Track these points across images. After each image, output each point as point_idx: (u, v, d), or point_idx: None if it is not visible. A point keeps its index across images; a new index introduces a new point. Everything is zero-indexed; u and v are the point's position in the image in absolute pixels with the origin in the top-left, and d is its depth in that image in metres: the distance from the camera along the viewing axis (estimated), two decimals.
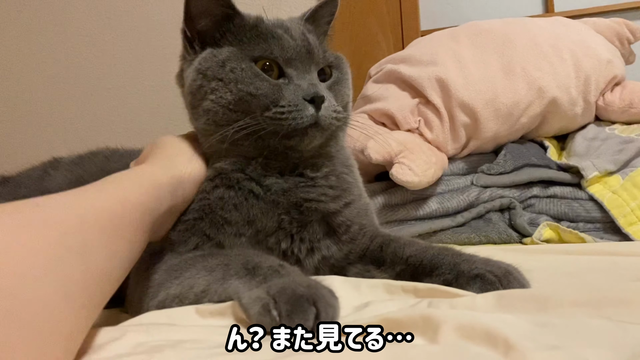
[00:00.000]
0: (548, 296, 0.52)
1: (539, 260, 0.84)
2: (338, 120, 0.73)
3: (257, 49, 0.72)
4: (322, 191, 0.76)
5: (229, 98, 0.70)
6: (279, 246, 0.74)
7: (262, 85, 0.70)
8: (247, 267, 0.60)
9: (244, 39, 0.74)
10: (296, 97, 0.69)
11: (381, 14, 1.74)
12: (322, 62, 0.77)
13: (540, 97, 1.22)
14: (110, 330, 0.53)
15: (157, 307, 0.63)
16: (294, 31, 0.75)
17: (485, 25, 1.34)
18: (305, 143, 0.72)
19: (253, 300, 0.52)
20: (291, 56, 0.73)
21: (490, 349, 0.41)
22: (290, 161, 0.76)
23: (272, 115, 0.69)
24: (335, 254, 0.77)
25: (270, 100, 0.70)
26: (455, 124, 1.22)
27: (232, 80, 0.70)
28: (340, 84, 0.79)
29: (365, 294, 0.65)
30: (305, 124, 0.69)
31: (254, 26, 0.75)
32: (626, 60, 1.40)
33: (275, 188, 0.74)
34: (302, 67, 0.73)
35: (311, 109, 0.69)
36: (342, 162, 0.82)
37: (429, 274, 0.69)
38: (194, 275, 0.64)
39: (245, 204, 0.73)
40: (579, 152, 1.22)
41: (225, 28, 0.75)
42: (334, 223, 0.76)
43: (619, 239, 1.04)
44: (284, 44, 0.72)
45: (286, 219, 0.74)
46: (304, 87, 0.71)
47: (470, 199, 1.16)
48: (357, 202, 0.80)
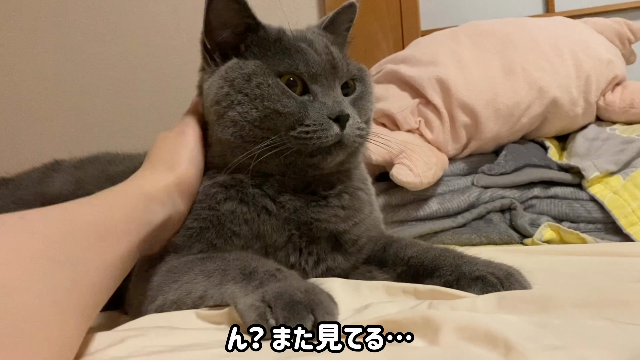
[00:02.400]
0: (549, 297, 0.52)
1: (539, 261, 0.84)
2: (361, 137, 0.72)
3: (282, 64, 0.71)
4: (334, 212, 0.75)
5: (254, 115, 0.69)
6: (288, 259, 0.73)
7: (289, 103, 0.69)
8: (245, 272, 0.60)
9: (268, 52, 0.72)
10: (321, 116, 0.68)
11: (381, 14, 1.74)
12: (346, 76, 0.75)
13: (541, 97, 1.22)
14: (109, 334, 0.53)
15: (155, 312, 0.63)
16: (318, 44, 0.73)
17: (486, 25, 1.34)
18: (328, 161, 0.71)
19: (248, 307, 0.52)
20: (316, 72, 0.71)
21: (491, 350, 0.41)
22: (306, 179, 0.74)
23: (297, 135, 0.68)
24: (341, 264, 0.77)
25: (296, 119, 0.68)
26: (455, 124, 1.22)
27: (258, 97, 0.69)
28: (364, 98, 0.77)
29: (365, 296, 0.65)
30: (329, 143, 0.68)
31: (278, 39, 0.73)
32: (627, 60, 1.39)
33: (289, 206, 0.73)
34: (326, 83, 0.72)
35: (336, 127, 0.68)
36: (358, 177, 0.81)
37: (430, 275, 0.69)
38: (192, 280, 0.64)
39: (257, 219, 0.72)
40: (580, 152, 1.22)
41: (249, 40, 0.74)
42: (342, 239, 0.76)
43: (620, 239, 1.03)
44: (309, 59, 0.71)
45: (296, 234, 0.73)
46: (329, 105, 0.69)
47: (471, 199, 1.16)
48: (367, 219, 0.79)
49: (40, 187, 0.98)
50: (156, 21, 1.85)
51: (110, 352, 0.48)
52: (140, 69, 1.85)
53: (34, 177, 1.04)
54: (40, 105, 1.89)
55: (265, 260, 0.66)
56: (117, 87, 1.86)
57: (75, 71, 1.87)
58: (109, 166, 0.99)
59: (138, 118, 1.84)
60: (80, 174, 0.99)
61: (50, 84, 1.88)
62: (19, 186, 1.03)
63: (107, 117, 1.86)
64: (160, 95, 1.82)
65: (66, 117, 1.87)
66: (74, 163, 1.06)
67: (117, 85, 1.86)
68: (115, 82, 1.86)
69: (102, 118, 1.86)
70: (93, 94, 1.87)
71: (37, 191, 0.96)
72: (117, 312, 0.78)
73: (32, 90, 1.88)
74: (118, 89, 1.86)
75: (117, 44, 1.86)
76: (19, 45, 1.88)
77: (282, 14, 1.65)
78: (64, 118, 1.88)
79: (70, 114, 1.88)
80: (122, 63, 1.86)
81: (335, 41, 0.79)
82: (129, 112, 1.85)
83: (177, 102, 1.73)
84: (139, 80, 1.85)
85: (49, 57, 1.87)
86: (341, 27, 0.82)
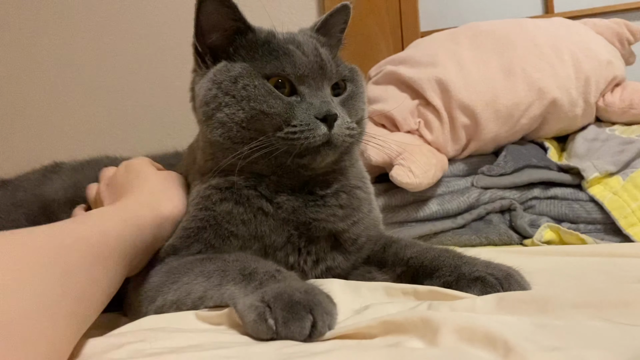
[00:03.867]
0: (548, 298, 0.52)
1: (539, 262, 0.84)
2: (351, 137, 0.72)
3: (269, 66, 0.71)
4: (332, 211, 0.75)
5: (241, 116, 0.69)
6: (287, 259, 0.73)
7: (275, 104, 0.69)
8: (244, 272, 0.60)
9: (256, 55, 0.73)
10: (308, 116, 0.68)
11: (380, 15, 1.74)
12: (335, 77, 0.75)
13: (541, 98, 1.22)
14: (108, 336, 0.53)
15: (155, 313, 0.63)
16: (306, 46, 0.74)
17: (485, 26, 1.34)
18: (318, 161, 0.71)
19: (248, 307, 0.52)
20: (303, 73, 0.71)
21: (490, 351, 0.41)
22: (301, 178, 0.75)
23: (285, 136, 0.68)
24: (341, 264, 0.77)
25: (283, 120, 0.69)
26: (455, 125, 1.22)
27: (244, 98, 0.69)
28: (355, 98, 0.77)
29: (365, 297, 0.65)
30: (317, 143, 0.68)
31: (266, 42, 0.74)
32: (626, 61, 1.39)
33: (286, 206, 0.73)
34: (314, 84, 0.72)
35: (323, 127, 0.68)
36: (355, 175, 0.81)
37: (429, 276, 0.69)
38: (191, 280, 0.64)
39: (253, 220, 0.72)
40: (580, 153, 1.22)
41: (238, 43, 0.74)
42: (341, 238, 0.76)
43: (620, 240, 1.03)
44: (296, 61, 0.71)
45: (295, 234, 0.73)
46: (316, 105, 0.69)
47: (471, 200, 1.16)
48: (366, 218, 0.79)
49: (40, 189, 0.98)
50: (156, 22, 1.85)
51: (109, 355, 0.48)
52: (140, 70, 1.85)
53: (33, 179, 1.04)
54: (39, 107, 1.89)
55: (265, 261, 0.66)
56: (117, 89, 1.86)
57: (75, 72, 1.87)
58: None
59: (138, 120, 1.83)
60: (79, 177, 0.99)
61: (50, 85, 1.88)
62: (18, 188, 1.02)
63: (106, 119, 1.86)
64: (161, 97, 1.82)
65: (65, 118, 1.87)
66: (74, 166, 1.06)
67: (117, 87, 1.86)
68: (114, 83, 1.86)
69: (102, 120, 1.86)
70: (93, 96, 1.87)
71: (37, 193, 0.96)
72: (117, 313, 0.78)
73: (32, 91, 1.88)
74: (118, 91, 1.86)
75: (117, 45, 1.86)
76: (19, 45, 1.88)
77: (281, 15, 1.66)
78: (63, 120, 1.87)
79: (69, 115, 1.87)
80: (121, 64, 1.86)
81: (327, 43, 0.79)
82: (128, 114, 1.85)
83: (176, 105, 1.73)
84: (138, 81, 1.85)
85: (49, 57, 1.87)
86: (334, 28, 0.82)
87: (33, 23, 1.88)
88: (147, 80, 1.84)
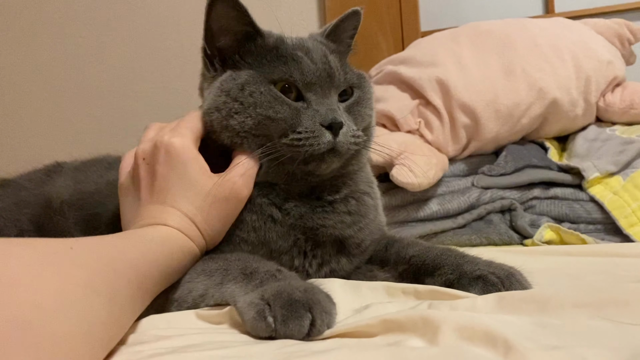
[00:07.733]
0: (549, 297, 0.52)
1: (539, 262, 0.84)
2: (357, 144, 0.72)
3: (276, 71, 0.71)
4: (340, 218, 0.75)
5: (250, 123, 0.69)
6: (292, 262, 0.74)
7: (281, 109, 0.69)
8: (245, 272, 0.61)
9: (264, 60, 0.72)
10: (313, 124, 0.68)
11: (381, 15, 1.74)
12: (343, 85, 0.75)
13: (541, 98, 1.22)
14: None
15: (156, 311, 0.63)
16: (315, 53, 0.73)
17: (486, 26, 1.34)
18: (323, 168, 0.71)
19: (247, 305, 0.53)
20: (311, 80, 0.71)
21: (490, 350, 0.41)
22: (309, 184, 0.74)
23: (289, 142, 0.68)
24: (345, 266, 0.77)
25: (288, 125, 0.69)
26: (455, 125, 1.22)
27: (251, 105, 0.69)
28: (361, 104, 0.76)
29: (365, 296, 0.65)
30: (322, 150, 0.68)
31: (275, 47, 0.73)
32: (626, 61, 1.39)
33: (294, 212, 0.73)
34: (321, 91, 0.71)
35: (328, 135, 0.68)
36: (363, 180, 0.81)
37: (431, 274, 0.69)
38: (193, 279, 0.65)
39: (263, 227, 0.73)
40: (580, 153, 1.22)
41: (247, 48, 0.74)
42: (347, 243, 0.76)
43: (620, 240, 1.03)
44: (304, 68, 0.71)
45: (302, 238, 0.73)
46: (322, 112, 0.69)
47: (471, 200, 1.16)
48: (372, 224, 0.79)
49: (42, 189, 0.98)
50: (156, 23, 1.85)
51: (109, 356, 0.48)
52: (141, 70, 1.85)
53: (35, 179, 1.04)
54: (40, 107, 1.89)
55: (266, 261, 0.66)
56: (117, 89, 1.86)
57: (75, 73, 1.87)
58: (109, 171, 0.99)
59: (139, 120, 1.83)
60: (81, 176, 0.99)
61: (51, 85, 1.88)
62: (20, 187, 1.02)
63: (107, 119, 1.86)
64: (162, 97, 1.82)
65: (66, 118, 1.88)
66: (76, 165, 1.06)
67: (118, 87, 1.86)
68: (115, 83, 1.86)
69: (102, 120, 1.87)
70: (94, 95, 1.87)
71: (39, 193, 0.96)
72: None
73: (33, 91, 1.88)
74: (118, 91, 1.86)
75: (118, 45, 1.86)
76: (19, 45, 1.88)
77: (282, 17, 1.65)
78: (64, 120, 1.88)
79: (70, 115, 1.88)
80: (122, 64, 1.86)
81: (337, 49, 0.78)
82: (129, 114, 1.85)
83: (177, 104, 1.73)
84: (139, 81, 1.85)
85: (49, 57, 1.87)
86: (344, 34, 0.82)
87: (33, 23, 1.88)
88: (147, 80, 1.85)
